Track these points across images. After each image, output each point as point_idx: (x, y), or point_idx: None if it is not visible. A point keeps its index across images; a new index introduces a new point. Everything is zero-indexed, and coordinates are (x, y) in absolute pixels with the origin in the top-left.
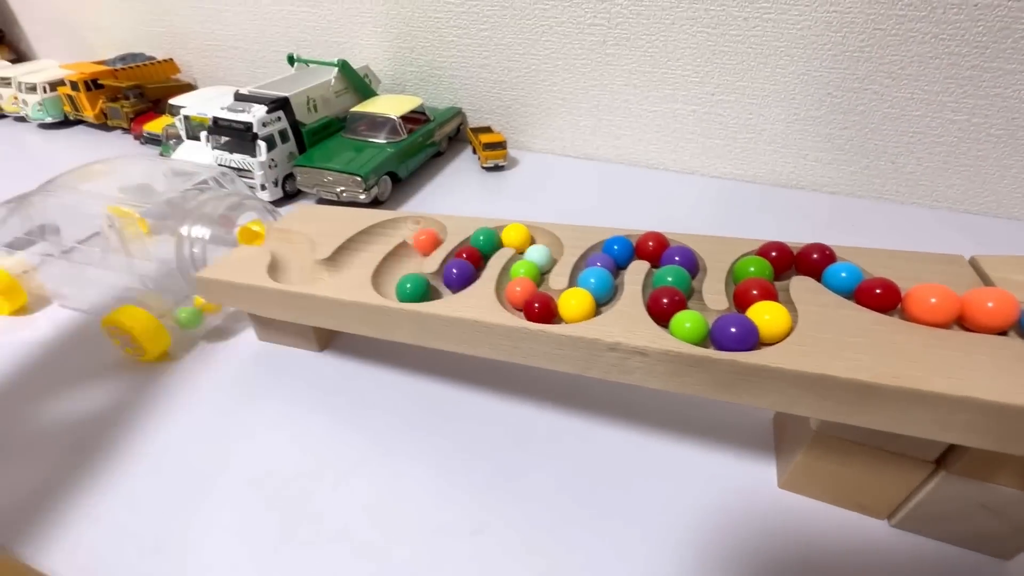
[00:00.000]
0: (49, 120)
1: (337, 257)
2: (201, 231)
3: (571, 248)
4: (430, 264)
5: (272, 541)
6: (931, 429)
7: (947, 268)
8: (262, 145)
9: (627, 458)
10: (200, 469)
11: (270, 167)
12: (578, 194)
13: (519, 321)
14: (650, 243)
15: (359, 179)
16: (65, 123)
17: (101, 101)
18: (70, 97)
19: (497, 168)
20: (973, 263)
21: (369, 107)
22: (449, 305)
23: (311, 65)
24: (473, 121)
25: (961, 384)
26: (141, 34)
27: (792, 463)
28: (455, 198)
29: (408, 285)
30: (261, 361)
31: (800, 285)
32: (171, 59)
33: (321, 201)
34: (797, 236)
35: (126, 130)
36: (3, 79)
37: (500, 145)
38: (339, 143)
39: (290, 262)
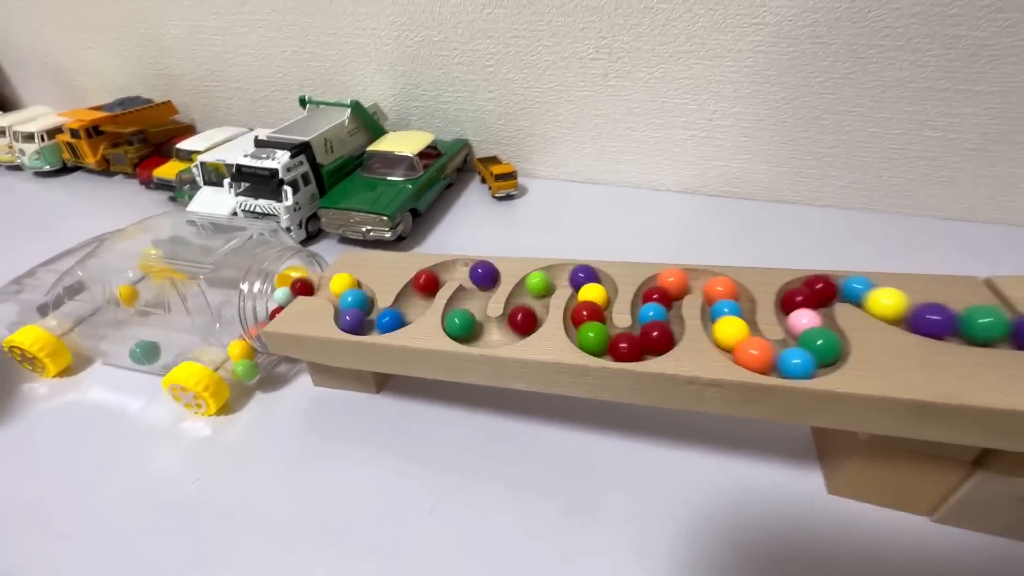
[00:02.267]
0: (47, 168)
1: (399, 304)
2: (262, 287)
3: (624, 285)
4: (494, 308)
5: None
6: (979, 438)
7: (967, 291)
8: (288, 190)
9: (688, 478)
10: (286, 520)
11: (295, 210)
12: (589, 219)
13: (601, 361)
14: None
15: (385, 218)
16: (62, 171)
17: (103, 147)
18: (70, 145)
19: (509, 197)
20: (989, 284)
21: (385, 145)
22: (528, 348)
23: (321, 106)
24: (479, 152)
25: (1008, 399)
26: (135, 77)
27: (841, 470)
28: (474, 231)
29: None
30: (320, 407)
31: (845, 312)
32: (169, 101)
33: (344, 240)
34: (798, 248)
35: (128, 175)
36: None
37: (511, 175)
38: (358, 182)
39: None
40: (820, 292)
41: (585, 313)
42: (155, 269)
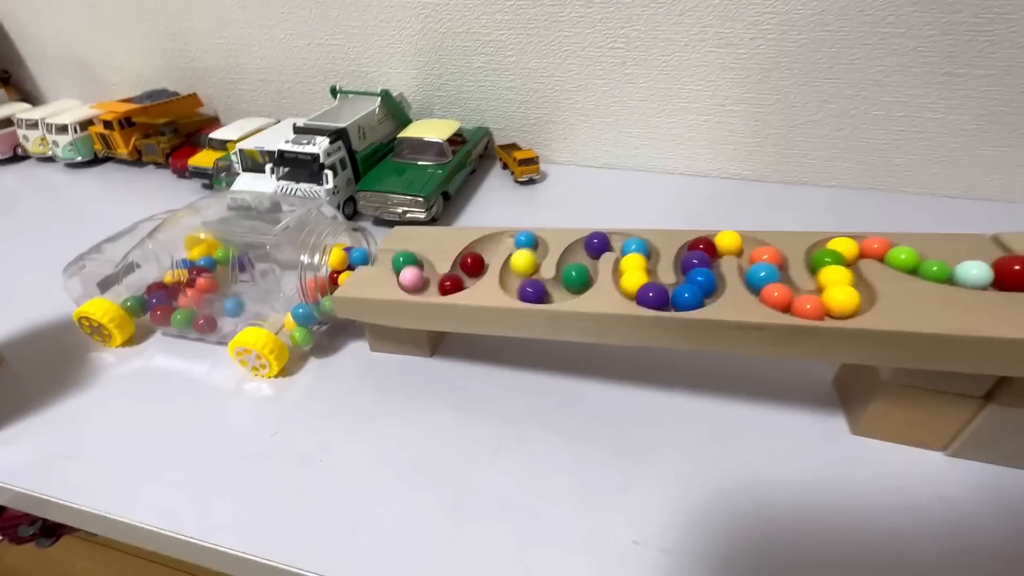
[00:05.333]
0: (80, 159)
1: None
2: (320, 258)
3: (665, 249)
4: (547, 270)
5: (448, 514)
6: (994, 367)
7: (976, 246)
8: (328, 174)
9: (723, 426)
10: (362, 463)
11: (334, 193)
12: (607, 201)
13: (654, 312)
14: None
15: (421, 199)
16: (94, 161)
17: (135, 138)
18: (102, 136)
19: (531, 181)
20: (996, 240)
21: (416, 132)
22: (587, 303)
23: (349, 96)
24: (499, 139)
25: (1018, 330)
26: (159, 70)
27: (864, 412)
28: (500, 212)
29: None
30: (378, 368)
31: (871, 267)
32: (194, 93)
33: (379, 222)
34: (806, 226)
35: (159, 165)
36: (28, 121)
37: (533, 161)
38: (390, 167)
39: None
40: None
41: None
42: (211, 242)
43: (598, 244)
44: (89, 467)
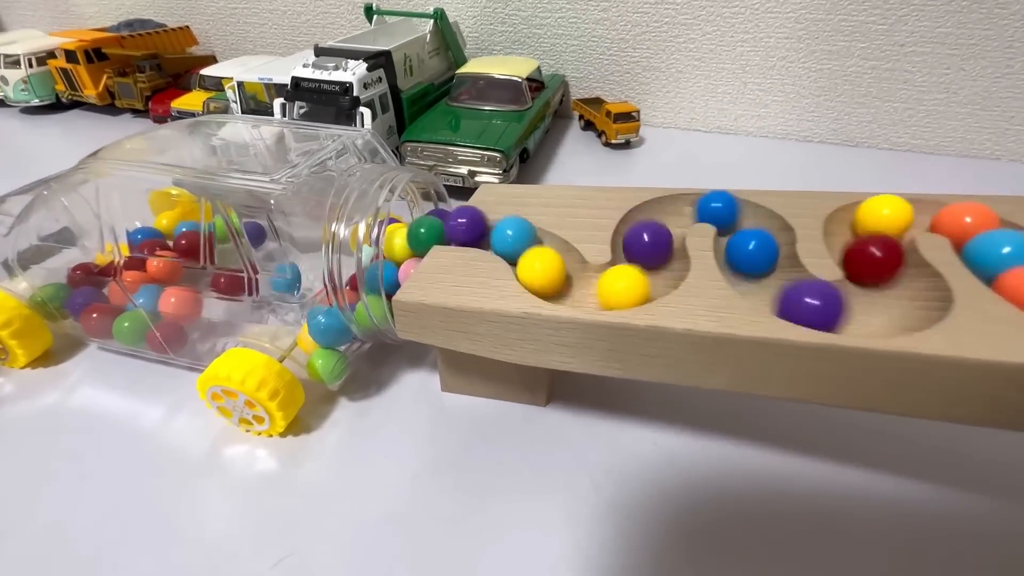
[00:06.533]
0: (36, 103)
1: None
2: (371, 230)
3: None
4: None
5: None
6: None
7: None
8: (366, 113)
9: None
10: None
11: None
12: (726, 174)
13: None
14: None
15: (499, 156)
16: (57, 106)
17: (106, 76)
18: (65, 72)
19: (626, 144)
20: None
21: (483, 67)
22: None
23: (390, 20)
24: (577, 92)
25: None
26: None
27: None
28: (588, 181)
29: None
30: (459, 424)
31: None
32: (187, 27)
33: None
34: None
35: (139, 112)
36: None
37: (632, 116)
38: (447, 113)
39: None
40: None
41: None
42: (184, 199)
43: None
44: None
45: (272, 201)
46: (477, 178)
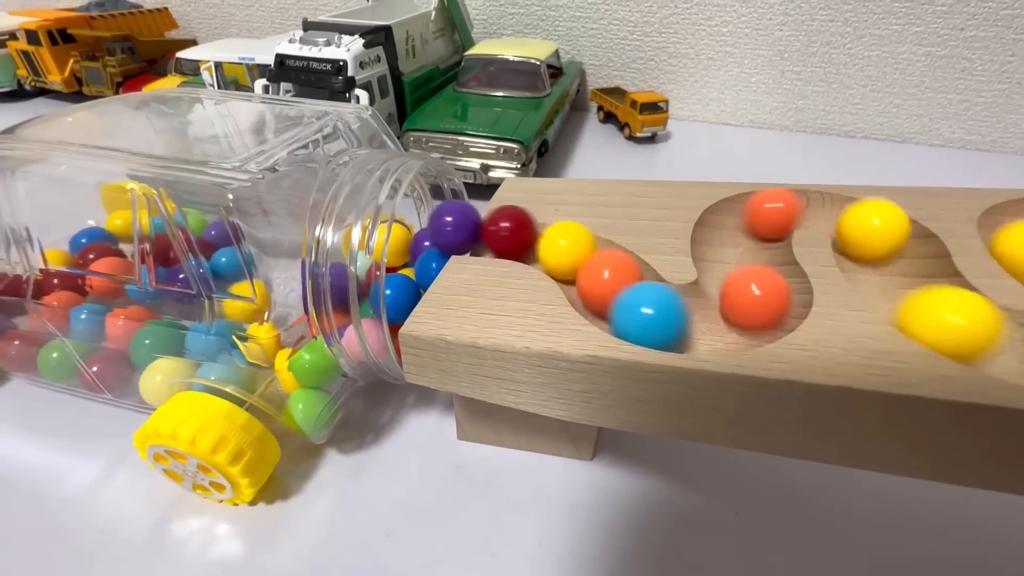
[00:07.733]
0: None
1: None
2: (366, 233)
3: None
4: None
5: None
6: None
7: None
8: (362, 96)
9: None
10: None
11: None
12: (764, 169)
13: None
14: None
15: (517, 147)
16: (19, 94)
17: (73, 60)
18: (26, 55)
19: (652, 138)
20: None
21: (496, 49)
22: None
23: None
24: (596, 80)
25: None
26: None
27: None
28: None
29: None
30: (481, 482)
31: None
32: (166, 8)
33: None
34: None
35: None
36: None
37: (660, 107)
38: (455, 100)
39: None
40: None
41: None
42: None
43: None
44: None
45: (230, 196)
46: (491, 173)
